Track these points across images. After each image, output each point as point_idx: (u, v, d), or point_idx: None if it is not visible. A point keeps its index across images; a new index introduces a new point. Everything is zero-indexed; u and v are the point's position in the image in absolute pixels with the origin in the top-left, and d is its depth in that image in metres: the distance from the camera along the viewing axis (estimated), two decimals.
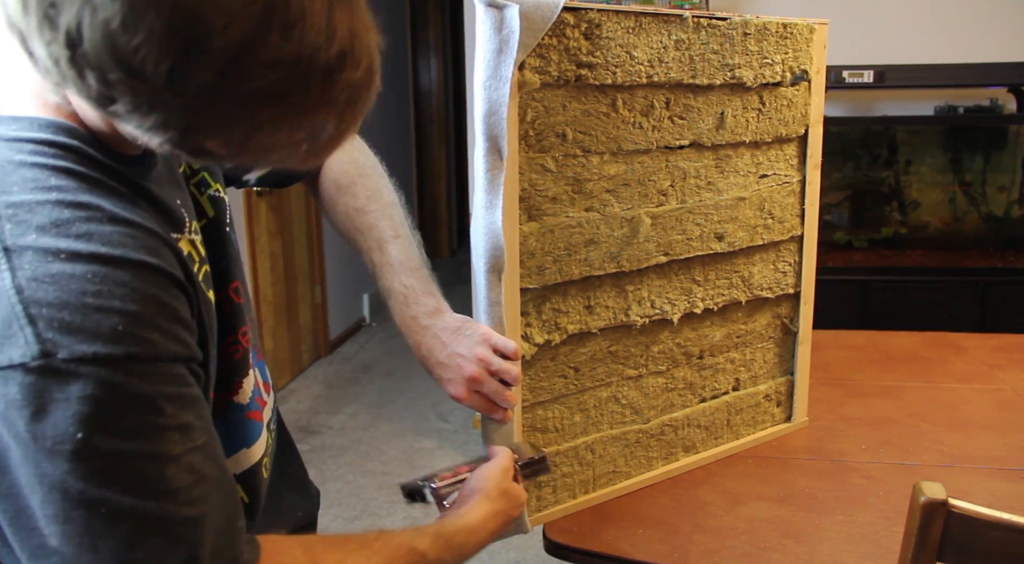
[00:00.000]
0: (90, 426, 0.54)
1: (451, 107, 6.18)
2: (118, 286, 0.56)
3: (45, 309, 0.54)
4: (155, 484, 0.57)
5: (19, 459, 0.55)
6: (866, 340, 1.85)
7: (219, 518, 0.61)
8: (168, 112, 0.51)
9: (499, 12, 0.91)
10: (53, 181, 0.58)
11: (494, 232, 0.96)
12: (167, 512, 0.57)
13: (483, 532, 0.84)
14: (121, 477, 0.55)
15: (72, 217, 0.57)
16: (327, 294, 4.06)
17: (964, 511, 0.73)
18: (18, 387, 0.53)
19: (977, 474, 1.21)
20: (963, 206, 2.90)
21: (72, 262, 0.55)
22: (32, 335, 0.53)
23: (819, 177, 1.31)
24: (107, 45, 0.48)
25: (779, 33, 1.19)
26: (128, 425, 0.55)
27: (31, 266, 0.54)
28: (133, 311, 0.56)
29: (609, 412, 1.16)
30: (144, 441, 0.56)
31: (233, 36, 0.48)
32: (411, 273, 0.95)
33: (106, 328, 0.54)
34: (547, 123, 1.00)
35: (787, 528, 1.07)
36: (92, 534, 0.55)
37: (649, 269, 1.15)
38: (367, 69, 0.54)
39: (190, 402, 0.60)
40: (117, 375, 0.55)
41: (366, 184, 1.00)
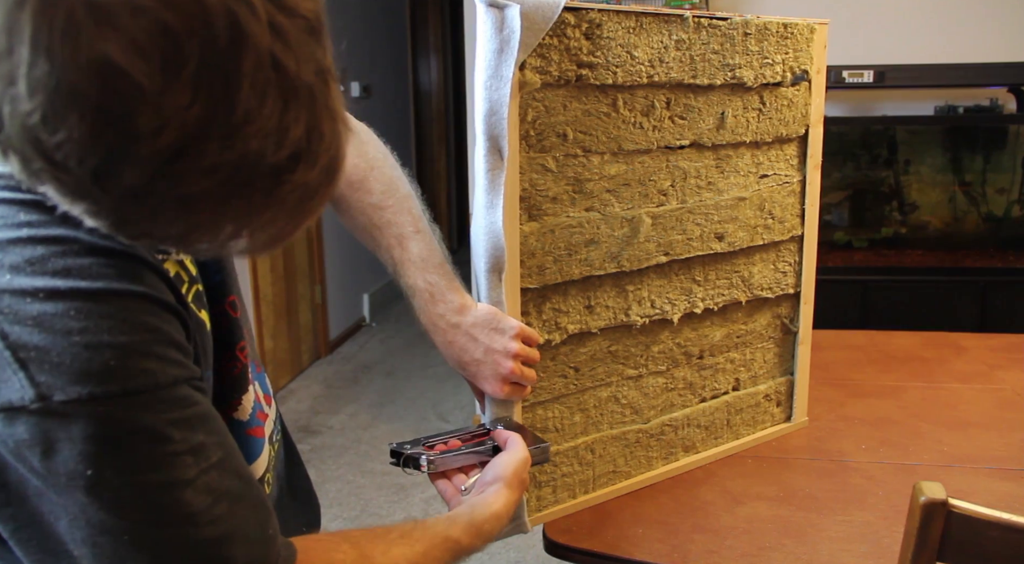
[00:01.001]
0: (98, 463, 0.53)
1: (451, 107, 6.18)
2: (104, 320, 0.54)
3: (33, 352, 0.52)
4: (172, 510, 0.56)
5: (38, 490, 0.55)
6: (866, 340, 1.85)
7: (247, 529, 0.60)
8: (97, 204, 0.47)
9: (500, 12, 0.91)
10: (23, 216, 0.55)
11: (494, 232, 0.96)
12: (188, 535, 0.57)
13: (505, 520, 0.84)
14: (137, 508, 0.55)
15: (47, 253, 0.54)
16: (327, 294, 4.06)
17: (964, 511, 0.73)
18: (24, 427, 0.53)
19: (977, 474, 1.21)
20: (963, 206, 2.90)
21: (52, 301, 0.53)
22: (25, 379, 0.52)
23: (819, 177, 1.31)
24: (28, 137, 0.44)
25: (779, 33, 1.19)
26: (136, 458, 0.55)
27: (11, 310, 0.52)
28: (123, 343, 0.54)
29: (609, 412, 1.16)
30: (155, 471, 0.55)
31: (165, 141, 0.44)
32: (434, 269, 0.93)
33: (97, 366, 0.53)
34: (548, 123, 1.00)
35: (787, 528, 1.07)
36: (119, 557, 0.55)
37: (649, 269, 1.15)
38: (324, 168, 0.51)
39: (198, 421, 0.59)
40: (117, 411, 0.53)
41: (379, 178, 0.96)
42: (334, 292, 4.15)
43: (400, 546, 0.72)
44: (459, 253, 6.10)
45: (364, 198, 0.95)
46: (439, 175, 6.01)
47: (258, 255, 0.72)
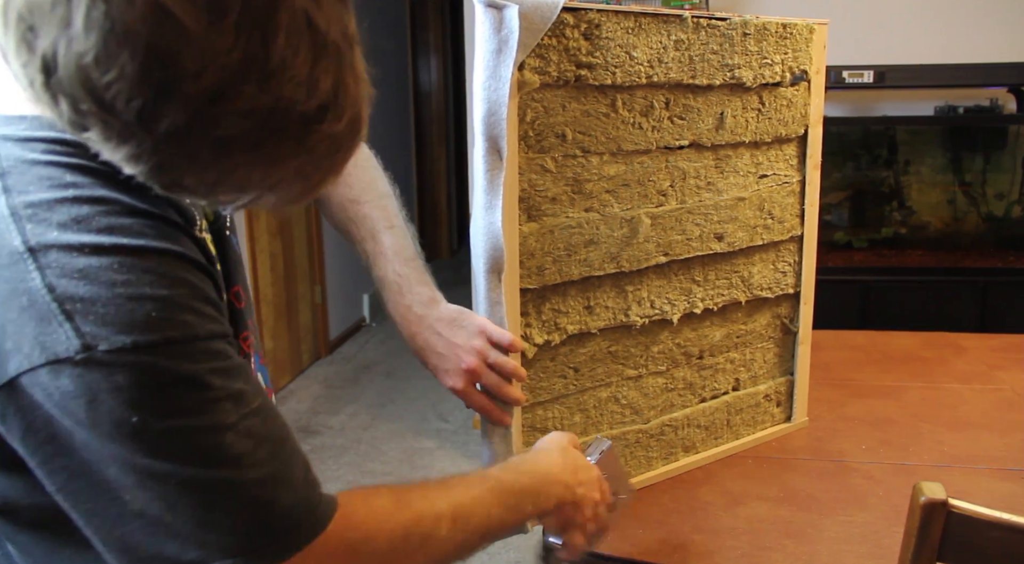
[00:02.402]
0: (142, 410, 0.56)
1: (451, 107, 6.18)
2: (145, 274, 0.57)
3: (79, 304, 0.55)
4: (216, 453, 0.59)
5: (85, 440, 0.57)
6: (866, 340, 1.85)
7: (290, 473, 0.63)
8: (139, 147, 0.50)
9: (498, 12, 0.91)
10: (68, 178, 0.58)
11: (494, 232, 0.96)
12: (233, 478, 0.59)
13: (549, 481, 0.83)
14: (182, 452, 0.57)
15: (92, 212, 0.57)
16: (327, 294, 4.06)
17: (964, 511, 0.73)
18: (69, 379, 0.55)
19: (977, 474, 1.21)
20: (963, 206, 2.90)
21: (97, 255, 0.56)
22: (71, 331, 0.55)
23: (819, 177, 1.31)
24: (80, 78, 0.47)
25: (779, 33, 1.19)
26: (178, 404, 0.57)
27: (58, 264, 0.55)
28: (164, 296, 0.57)
29: (609, 412, 1.16)
30: (197, 416, 0.58)
31: (207, 82, 0.47)
32: (405, 262, 0.95)
33: (140, 317, 0.56)
34: (547, 123, 1.00)
35: (787, 528, 1.07)
36: (168, 500, 0.58)
37: (649, 269, 1.15)
38: (350, 122, 0.54)
39: (236, 371, 0.61)
40: (159, 360, 0.56)
41: (360, 176, 1.00)
42: (334, 292, 4.15)
43: (437, 490, 0.75)
44: (459, 253, 6.12)
45: (344, 192, 0.98)
46: (439, 175, 6.01)
47: (287, 208, 0.75)
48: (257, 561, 0.61)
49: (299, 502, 0.63)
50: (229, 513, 0.59)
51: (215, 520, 0.59)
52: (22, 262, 0.55)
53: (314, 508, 0.64)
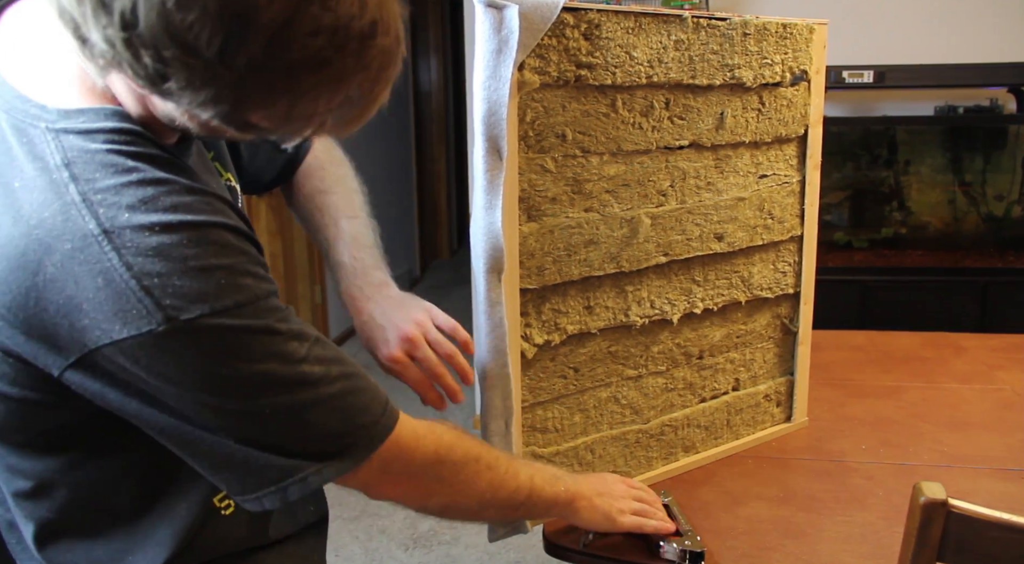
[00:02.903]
0: (227, 364, 0.63)
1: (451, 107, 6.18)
2: (210, 246, 0.63)
3: (156, 279, 0.60)
4: (298, 380, 0.67)
5: (177, 395, 0.64)
6: (866, 340, 1.85)
7: (361, 382, 0.73)
8: (219, 86, 0.55)
9: (498, 12, 0.91)
10: (130, 163, 0.63)
11: (494, 232, 0.96)
12: (319, 395, 0.68)
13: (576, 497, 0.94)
14: (269, 387, 0.66)
15: (156, 193, 0.62)
16: (327, 294, 4.06)
17: (964, 511, 0.73)
18: (154, 348, 0.61)
19: (977, 474, 1.21)
20: (963, 206, 2.90)
21: (168, 233, 0.61)
22: (152, 305, 0.60)
23: (819, 177, 1.31)
24: (162, 23, 0.51)
25: (779, 33, 1.19)
26: (258, 351, 0.65)
27: (132, 243, 0.60)
28: (228, 265, 0.64)
29: (609, 412, 1.16)
30: (275, 358, 0.66)
31: (278, 8, 0.51)
32: (362, 248, 0.99)
33: (212, 286, 0.62)
34: (547, 123, 1.00)
35: (787, 528, 1.07)
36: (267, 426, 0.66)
37: (649, 269, 1.15)
38: (396, 36, 0.58)
39: (291, 316, 0.69)
40: (233, 320, 0.63)
41: (333, 172, 1.06)
42: (334, 292, 4.15)
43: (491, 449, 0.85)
44: (459, 253, 6.12)
45: (316, 184, 1.04)
46: (439, 175, 6.01)
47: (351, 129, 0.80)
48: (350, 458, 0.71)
49: (376, 405, 0.73)
50: (319, 425, 0.69)
51: (308, 434, 0.68)
52: (97, 244, 0.59)
53: (384, 409, 0.74)
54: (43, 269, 0.59)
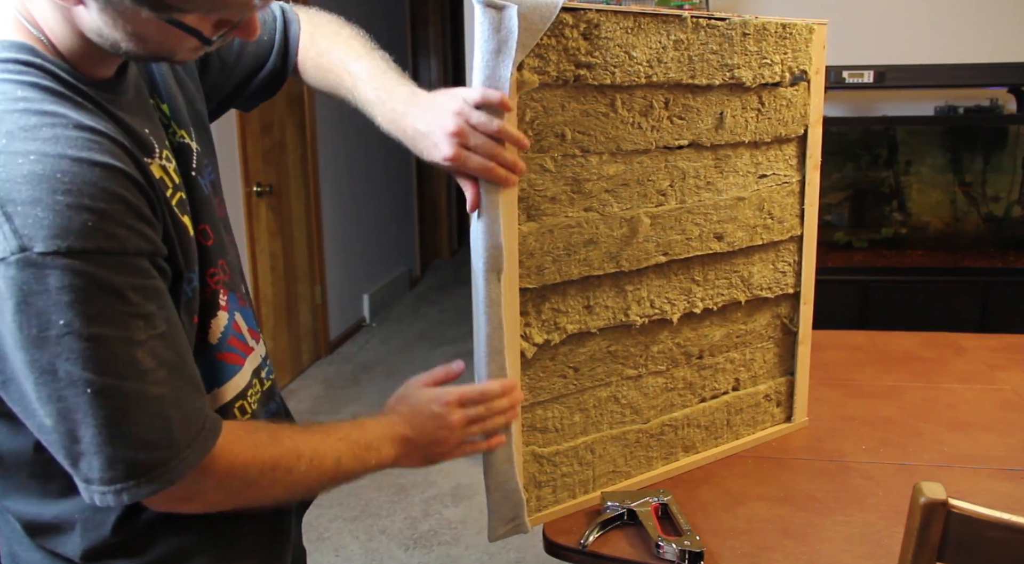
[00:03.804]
0: (69, 313, 0.60)
1: None
2: (87, 185, 0.61)
3: (20, 207, 0.59)
4: (129, 365, 0.64)
5: (12, 347, 0.61)
6: (866, 340, 1.85)
7: (182, 396, 0.69)
8: None
9: (497, 12, 0.91)
10: (20, 93, 0.63)
11: (493, 232, 0.96)
12: (141, 391, 0.65)
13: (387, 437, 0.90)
14: (101, 359, 0.62)
15: (39, 123, 0.61)
16: (327, 294, 4.06)
17: (964, 511, 0.73)
18: (3, 281, 0.59)
19: (977, 474, 1.21)
20: (963, 206, 2.90)
21: (42, 163, 0.60)
22: (10, 231, 0.58)
23: (819, 177, 1.31)
24: None
25: (778, 33, 1.19)
26: (102, 312, 0.62)
27: (4, 168, 0.59)
28: (102, 209, 0.61)
29: (609, 412, 1.16)
30: (116, 327, 0.63)
31: None
32: (380, 76, 0.97)
33: (77, 224, 0.60)
34: (546, 123, 1.00)
35: (787, 528, 1.07)
36: (81, 411, 0.63)
37: (648, 269, 1.15)
38: None
39: (152, 292, 0.66)
40: (89, 267, 0.60)
41: (325, 31, 1.04)
42: (334, 292, 4.15)
43: (300, 433, 0.83)
44: (459, 253, 6.12)
45: (313, 55, 1.02)
46: (439, 175, 6.01)
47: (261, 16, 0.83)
48: (159, 479, 0.67)
49: (189, 422, 0.69)
50: (136, 424, 0.65)
51: (123, 434, 0.64)
52: None
53: (203, 429, 0.70)
54: None
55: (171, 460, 0.67)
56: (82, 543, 0.77)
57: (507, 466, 1.03)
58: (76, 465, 0.65)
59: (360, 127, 4.62)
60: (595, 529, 1.04)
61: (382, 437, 0.89)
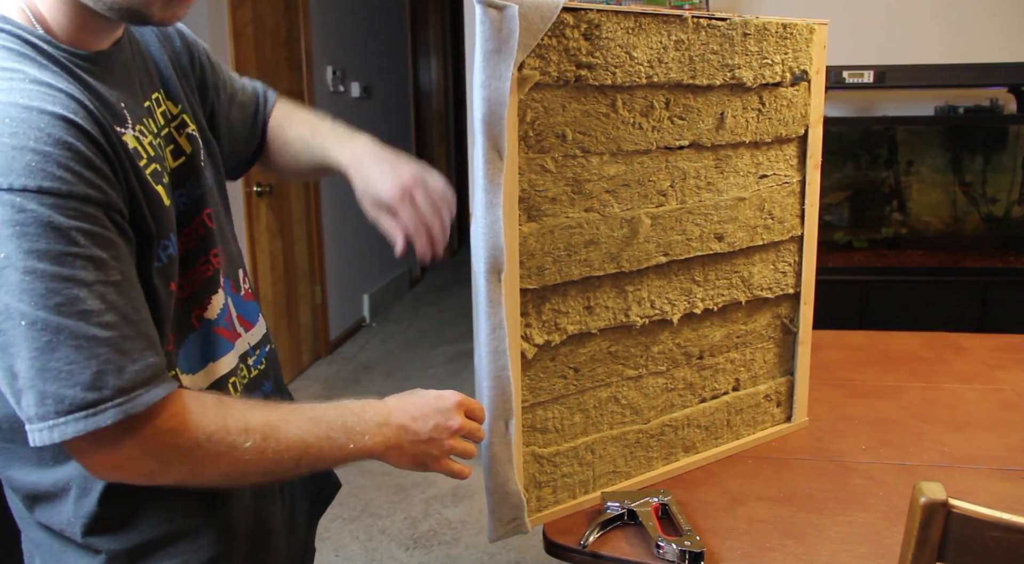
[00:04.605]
0: (8, 246, 0.63)
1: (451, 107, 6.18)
2: (32, 129, 0.64)
3: None
4: (68, 304, 0.65)
5: None
6: (866, 340, 1.85)
7: (128, 348, 0.68)
8: None
9: (498, 12, 0.91)
10: None
11: (494, 232, 0.96)
12: (79, 329, 0.65)
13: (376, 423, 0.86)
14: (37, 293, 0.64)
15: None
16: (327, 294, 4.06)
17: (964, 511, 0.73)
18: None
19: (977, 474, 1.21)
20: (963, 206, 2.90)
21: None
22: None
23: (819, 177, 1.31)
24: None
25: (779, 33, 1.19)
26: (43, 248, 0.63)
27: None
28: (46, 151, 0.64)
29: (609, 412, 1.16)
30: (58, 265, 0.64)
31: None
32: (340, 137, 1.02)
33: (20, 163, 0.63)
34: (547, 123, 1.00)
35: (787, 528, 1.07)
36: (17, 344, 0.64)
37: (649, 269, 1.15)
38: None
39: (105, 242, 0.67)
40: (30, 203, 0.63)
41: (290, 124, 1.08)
42: (334, 292, 4.15)
43: (257, 408, 0.79)
44: (459, 253, 6.12)
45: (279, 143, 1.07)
46: None
47: None
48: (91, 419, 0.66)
49: (135, 373, 0.67)
50: (71, 362, 0.65)
51: (55, 368, 0.64)
52: None
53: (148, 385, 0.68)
54: None
55: (101, 402, 0.66)
56: (75, 511, 0.77)
57: (507, 466, 1.03)
58: (19, 403, 0.66)
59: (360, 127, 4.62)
60: (595, 529, 1.04)
61: (369, 422, 0.85)
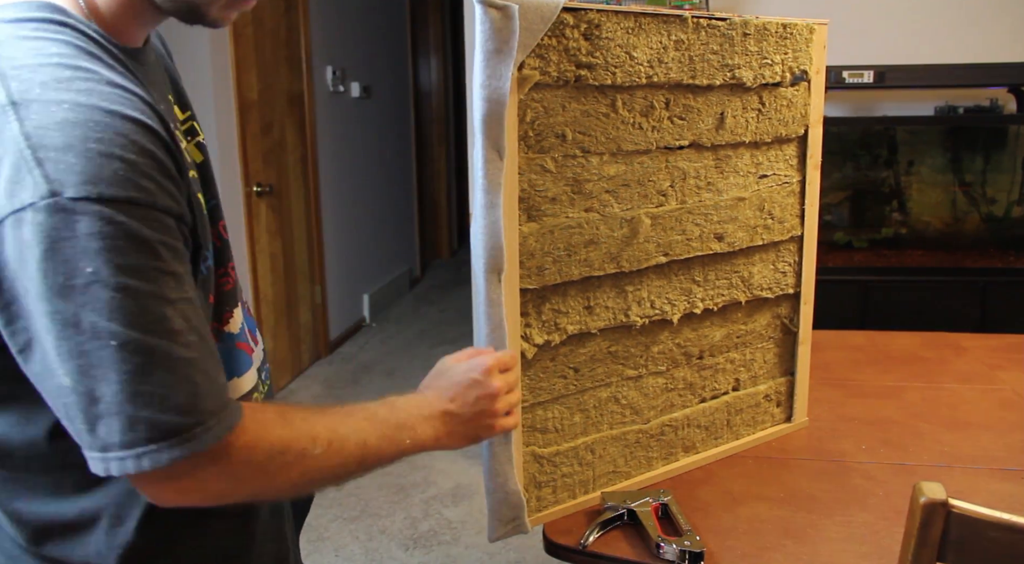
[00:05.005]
0: (97, 261, 0.59)
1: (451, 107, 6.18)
2: (118, 136, 0.61)
3: (52, 153, 0.58)
4: (158, 322, 0.61)
5: (35, 299, 0.59)
6: (866, 340, 1.85)
7: (210, 367, 0.66)
8: None
9: (498, 12, 0.91)
10: (54, 50, 0.64)
11: (494, 232, 0.96)
12: (171, 350, 0.62)
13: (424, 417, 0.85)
14: (129, 311, 0.60)
15: (72, 76, 0.62)
16: (327, 294, 4.06)
17: (964, 511, 0.73)
18: (30, 227, 0.58)
19: (977, 474, 1.21)
20: (963, 206, 2.90)
21: (75, 112, 0.60)
22: (40, 176, 0.58)
23: (819, 177, 1.31)
24: None
25: (779, 33, 1.19)
26: (132, 263, 0.60)
27: (37, 116, 0.59)
28: (132, 160, 0.61)
29: (609, 412, 1.16)
30: (146, 280, 0.61)
31: None
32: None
33: (108, 172, 0.59)
34: (546, 123, 1.00)
35: (787, 528, 1.07)
36: (104, 366, 0.60)
37: (649, 269, 1.15)
38: None
39: (181, 255, 0.65)
40: (119, 215, 0.59)
41: None
42: (334, 292, 4.15)
43: (317, 415, 0.77)
44: (459, 253, 6.12)
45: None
46: (439, 175, 6.01)
47: None
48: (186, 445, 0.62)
49: (214, 394, 0.65)
50: (164, 385, 0.61)
51: (148, 393, 0.61)
52: (3, 113, 0.60)
53: (229, 405, 0.67)
54: None
55: (195, 426, 0.63)
56: (108, 542, 0.73)
57: (507, 466, 1.03)
58: (94, 429, 0.61)
59: (360, 127, 4.63)
60: (595, 529, 1.04)
61: (416, 416, 0.84)
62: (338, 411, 0.80)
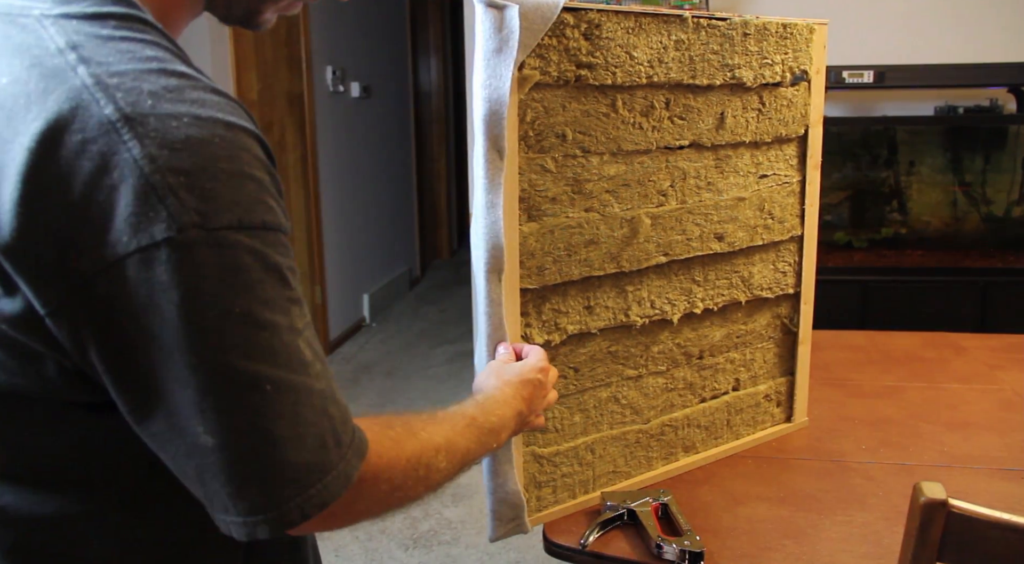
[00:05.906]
0: (244, 297, 0.52)
1: (451, 107, 6.18)
2: (243, 152, 0.53)
3: (183, 177, 0.50)
4: (296, 356, 0.55)
5: (170, 350, 0.51)
6: (866, 340, 1.85)
7: (337, 395, 0.59)
8: None
9: (499, 12, 0.91)
10: (149, 52, 0.54)
11: (494, 232, 0.96)
12: (310, 386, 0.55)
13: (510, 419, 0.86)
14: (275, 351, 0.53)
15: (180, 84, 0.53)
16: (327, 294, 4.06)
17: (964, 511, 0.73)
18: (164, 267, 0.49)
19: (977, 474, 1.21)
20: (963, 206, 2.90)
21: (198, 127, 0.51)
22: (175, 207, 0.49)
23: (819, 177, 1.31)
24: None
25: (779, 33, 1.19)
26: (271, 296, 0.53)
27: (157, 133, 0.50)
28: (259, 178, 0.54)
29: (609, 412, 1.16)
30: (283, 313, 0.54)
31: None
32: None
33: (244, 196, 0.52)
34: (547, 123, 1.00)
35: (787, 528, 1.07)
36: (260, 414, 0.53)
37: (649, 269, 1.15)
38: None
39: (298, 278, 0.58)
40: (257, 244, 0.52)
41: None
42: (334, 292, 4.15)
43: (432, 424, 0.74)
44: (459, 253, 6.12)
45: None
46: (439, 175, 6.01)
47: None
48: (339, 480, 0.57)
49: (344, 421, 0.59)
50: (312, 424, 0.55)
51: (301, 434, 0.54)
52: (115, 132, 0.49)
53: (357, 429, 0.61)
54: None
55: (340, 462, 0.57)
56: None
57: (507, 467, 1.03)
58: (241, 490, 0.53)
59: (360, 127, 4.63)
60: (595, 529, 1.04)
61: (506, 418, 0.84)
62: (444, 418, 0.77)
